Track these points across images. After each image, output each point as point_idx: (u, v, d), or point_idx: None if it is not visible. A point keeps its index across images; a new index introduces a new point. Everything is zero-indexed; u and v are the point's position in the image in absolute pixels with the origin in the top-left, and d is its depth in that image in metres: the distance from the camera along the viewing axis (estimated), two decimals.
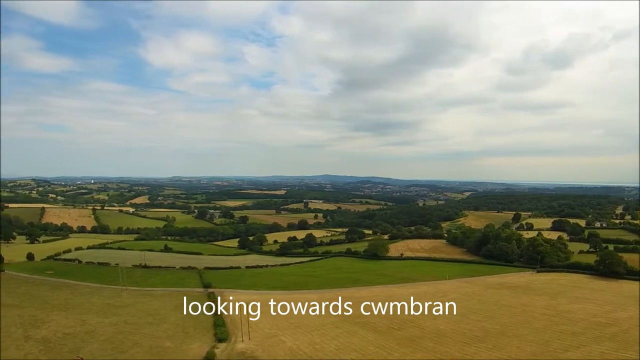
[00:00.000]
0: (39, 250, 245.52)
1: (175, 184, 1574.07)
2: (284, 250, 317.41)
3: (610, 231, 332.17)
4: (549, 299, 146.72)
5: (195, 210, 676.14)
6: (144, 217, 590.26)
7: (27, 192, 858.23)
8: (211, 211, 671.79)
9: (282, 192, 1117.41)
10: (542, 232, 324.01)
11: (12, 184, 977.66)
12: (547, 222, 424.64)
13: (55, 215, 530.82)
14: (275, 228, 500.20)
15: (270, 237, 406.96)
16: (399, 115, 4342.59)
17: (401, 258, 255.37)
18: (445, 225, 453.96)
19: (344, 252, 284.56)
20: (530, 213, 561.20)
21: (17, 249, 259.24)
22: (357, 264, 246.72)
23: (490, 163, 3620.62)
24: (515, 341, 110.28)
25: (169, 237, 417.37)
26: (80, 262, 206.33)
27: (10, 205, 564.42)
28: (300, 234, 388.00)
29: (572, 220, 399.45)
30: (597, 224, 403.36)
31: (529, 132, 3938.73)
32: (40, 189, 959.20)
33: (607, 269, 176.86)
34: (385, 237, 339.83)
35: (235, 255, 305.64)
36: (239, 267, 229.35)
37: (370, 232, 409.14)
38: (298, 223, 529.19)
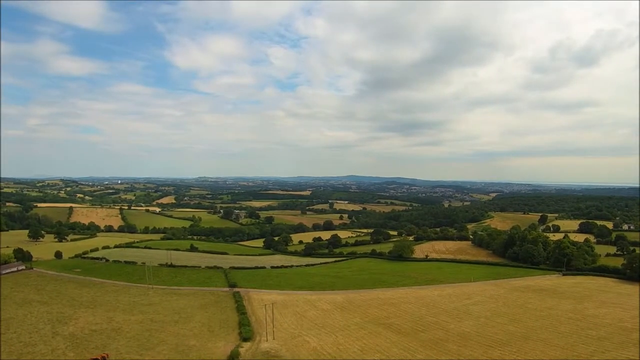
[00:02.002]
0: (66, 249, 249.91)
1: (201, 184, 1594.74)
2: (309, 250, 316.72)
3: (639, 234, 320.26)
4: (575, 302, 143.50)
5: (221, 211, 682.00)
6: (170, 216, 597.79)
7: (55, 192, 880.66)
8: (237, 211, 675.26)
9: (308, 192, 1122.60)
10: (569, 234, 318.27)
11: (40, 184, 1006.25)
12: (574, 224, 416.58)
13: (83, 214, 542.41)
14: (301, 228, 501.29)
15: (296, 237, 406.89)
16: (425, 115, 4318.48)
17: (426, 260, 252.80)
18: (470, 226, 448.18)
19: (369, 253, 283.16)
20: (556, 215, 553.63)
21: (45, 247, 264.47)
22: (382, 265, 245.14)
23: (516, 164, 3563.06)
24: (540, 345, 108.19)
25: (195, 237, 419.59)
26: (107, 260, 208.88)
27: (39, 204, 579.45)
28: (326, 235, 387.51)
29: (599, 223, 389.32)
30: (625, 227, 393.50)
31: (555, 132, 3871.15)
32: (69, 189, 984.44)
33: (635, 272, 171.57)
34: (411, 238, 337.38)
35: (260, 255, 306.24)
36: (264, 267, 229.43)
37: (395, 233, 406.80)
38: (323, 224, 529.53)
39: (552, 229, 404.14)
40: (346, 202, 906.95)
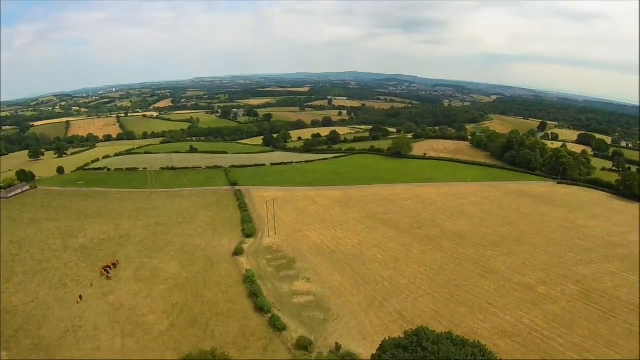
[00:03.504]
0: (68, 163, 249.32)
1: (197, 85, 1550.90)
2: (308, 147, 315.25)
3: (636, 152, 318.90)
4: (567, 212, 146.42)
5: (219, 110, 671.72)
6: (169, 120, 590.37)
7: (50, 108, 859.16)
8: (235, 110, 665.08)
9: (306, 89, 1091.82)
10: (567, 144, 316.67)
11: (34, 103, 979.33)
12: (573, 135, 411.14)
13: (81, 127, 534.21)
14: (300, 125, 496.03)
15: (295, 134, 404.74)
16: (429, 12, 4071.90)
17: (424, 158, 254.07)
18: (470, 127, 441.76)
19: (368, 149, 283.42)
20: (556, 123, 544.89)
21: (47, 165, 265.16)
22: (381, 162, 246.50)
23: (519, 69, 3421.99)
24: (530, 249, 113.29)
25: (194, 138, 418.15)
26: (109, 170, 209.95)
27: (36, 123, 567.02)
28: (324, 131, 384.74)
29: (598, 136, 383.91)
30: (623, 143, 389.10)
31: (562, 41, 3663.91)
32: (63, 103, 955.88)
33: (628, 190, 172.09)
34: (410, 136, 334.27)
35: (260, 152, 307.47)
36: (264, 165, 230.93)
37: (394, 130, 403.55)
38: (322, 120, 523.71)
39: (550, 136, 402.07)
40: (345, 98, 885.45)
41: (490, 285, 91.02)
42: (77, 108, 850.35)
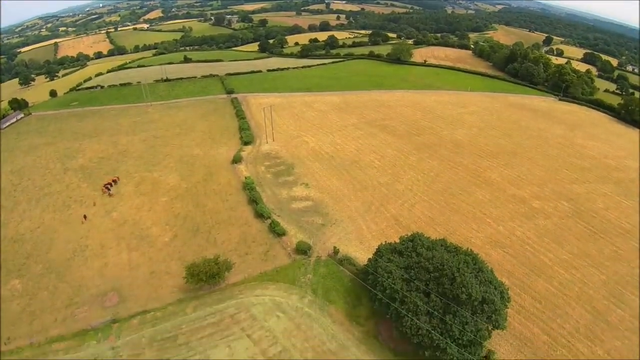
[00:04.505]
0: (60, 86, 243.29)
1: None
2: (306, 52, 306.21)
3: None
4: (567, 129, 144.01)
5: (212, 18, 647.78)
6: (160, 31, 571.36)
7: (36, 32, 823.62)
8: (228, 17, 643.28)
9: None
10: (572, 61, 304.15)
11: (19, 29, 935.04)
12: (579, 53, 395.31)
13: (70, 47, 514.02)
14: (296, 30, 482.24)
15: (291, 39, 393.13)
16: None
17: (425, 65, 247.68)
18: (472, 36, 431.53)
19: (367, 54, 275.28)
20: (562, 39, 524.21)
21: (38, 90, 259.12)
22: (380, 67, 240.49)
23: None
24: (527, 162, 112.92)
25: (188, 48, 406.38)
26: (102, 87, 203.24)
27: (23, 49, 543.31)
28: (322, 36, 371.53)
29: (604, 57, 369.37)
30: (629, 68, 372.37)
31: None
32: (49, 25, 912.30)
33: (629, 115, 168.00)
34: (410, 42, 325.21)
35: (256, 59, 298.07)
36: (260, 71, 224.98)
37: (394, 35, 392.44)
38: (319, 25, 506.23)
39: (555, 52, 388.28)
40: (343, 2, 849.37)
41: (485, 196, 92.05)
42: (64, 28, 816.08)
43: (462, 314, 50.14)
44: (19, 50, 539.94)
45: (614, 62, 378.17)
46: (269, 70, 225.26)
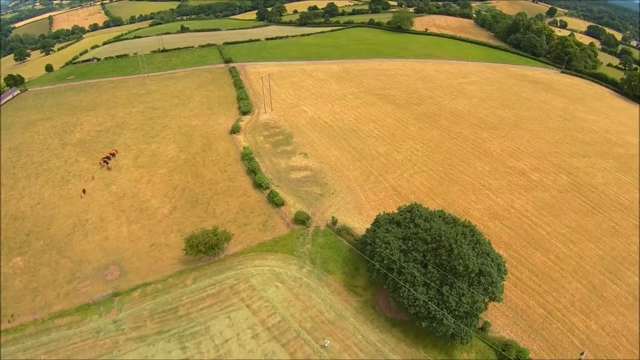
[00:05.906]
0: (56, 60, 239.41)
1: None
2: (305, 20, 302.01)
3: None
4: (568, 102, 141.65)
5: None
6: (156, 0, 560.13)
7: (30, 6, 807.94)
8: None
9: None
10: (575, 33, 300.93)
11: (12, 4, 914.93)
12: (583, 25, 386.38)
13: (65, 20, 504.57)
14: None
15: (290, 7, 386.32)
16: None
17: (426, 33, 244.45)
18: (475, 5, 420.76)
19: (367, 22, 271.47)
20: (566, 11, 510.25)
21: (34, 65, 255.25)
22: (380, 35, 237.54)
23: None
24: (527, 134, 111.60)
25: (185, 17, 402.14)
26: (98, 60, 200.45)
27: (17, 25, 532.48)
28: (322, 4, 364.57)
29: (608, 31, 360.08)
30: (634, 43, 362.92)
31: None
32: None
33: (632, 90, 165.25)
34: (411, 10, 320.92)
35: (254, 27, 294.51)
36: (258, 40, 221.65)
37: (395, 3, 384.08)
38: None
39: (559, 24, 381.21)
40: None
41: (484, 167, 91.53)
42: (58, 1, 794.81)
43: (459, 286, 50.18)
44: (13, 26, 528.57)
45: (618, 36, 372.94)
46: (267, 39, 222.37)
